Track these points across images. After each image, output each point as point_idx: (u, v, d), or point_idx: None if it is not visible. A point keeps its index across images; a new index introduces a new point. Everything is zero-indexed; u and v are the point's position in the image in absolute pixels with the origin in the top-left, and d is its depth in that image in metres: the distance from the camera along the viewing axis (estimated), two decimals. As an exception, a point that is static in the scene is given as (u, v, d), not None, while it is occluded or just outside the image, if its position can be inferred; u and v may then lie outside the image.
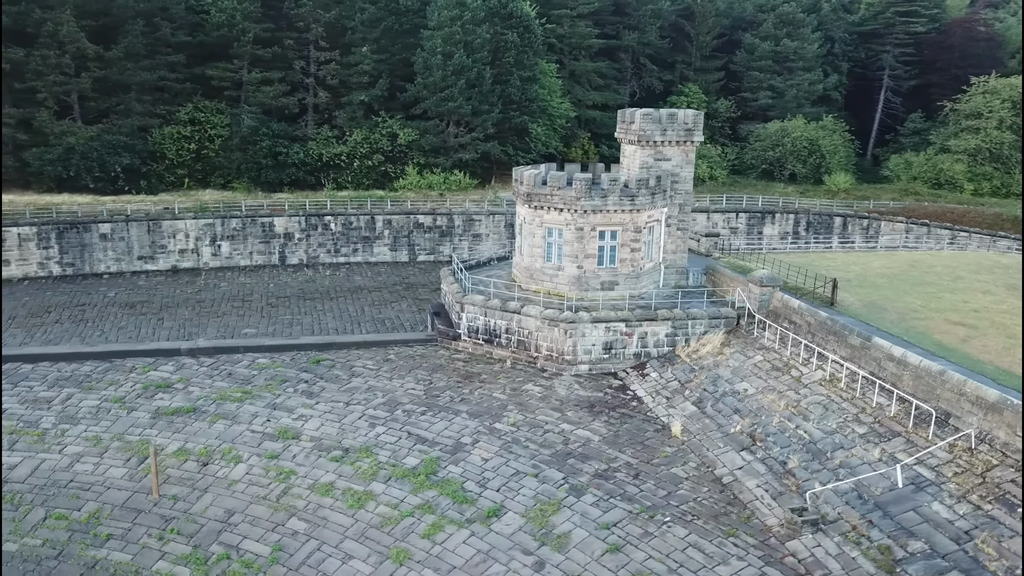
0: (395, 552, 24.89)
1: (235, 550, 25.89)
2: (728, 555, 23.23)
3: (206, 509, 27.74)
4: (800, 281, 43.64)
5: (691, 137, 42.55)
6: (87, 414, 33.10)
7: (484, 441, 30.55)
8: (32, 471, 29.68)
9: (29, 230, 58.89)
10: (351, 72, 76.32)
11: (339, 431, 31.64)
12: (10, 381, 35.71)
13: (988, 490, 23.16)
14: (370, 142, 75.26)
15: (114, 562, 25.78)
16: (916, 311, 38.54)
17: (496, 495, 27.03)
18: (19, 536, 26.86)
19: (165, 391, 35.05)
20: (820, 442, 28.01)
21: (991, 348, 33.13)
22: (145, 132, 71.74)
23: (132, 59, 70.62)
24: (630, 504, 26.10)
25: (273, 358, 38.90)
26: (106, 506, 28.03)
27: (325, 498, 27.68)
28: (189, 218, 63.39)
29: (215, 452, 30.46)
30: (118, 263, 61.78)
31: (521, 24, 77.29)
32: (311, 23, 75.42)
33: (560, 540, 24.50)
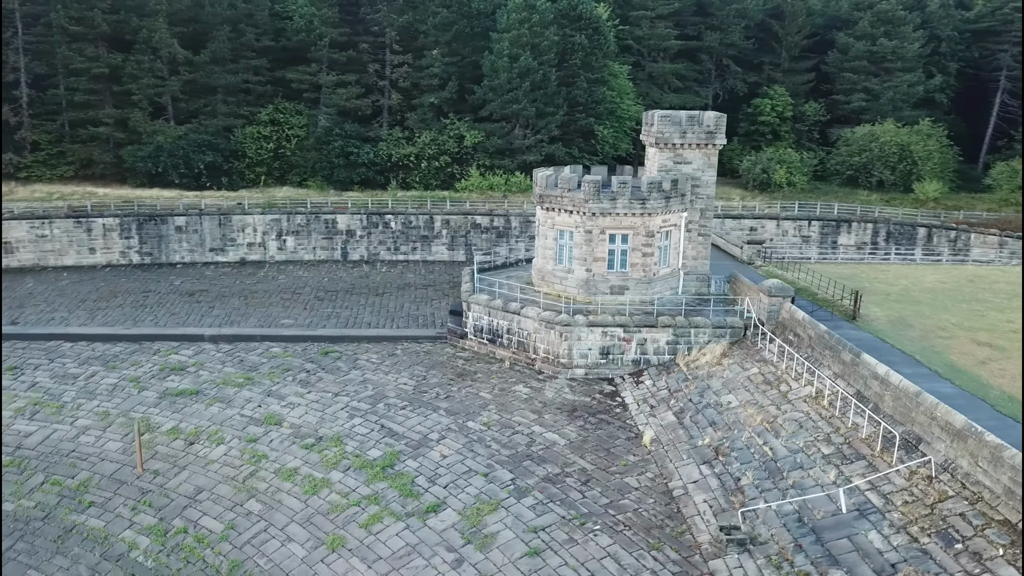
0: (332, 539, 25.71)
1: (193, 525, 27.45)
2: (644, 568, 22.64)
3: (179, 485, 29.51)
4: (832, 293, 41.52)
5: (712, 140, 41.28)
6: (104, 391, 35.81)
7: (450, 439, 30.93)
8: (43, 440, 32.44)
9: (113, 221, 63.82)
10: (422, 75, 78.24)
11: (319, 420, 32.83)
12: (48, 357, 39.10)
13: (932, 522, 21.50)
14: (438, 143, 76.87)
15: (88, 527, 27.89)
16: (944, 329, 36.00)
17: (441, 491, 27.38)
18: (17, 498, 29.48)
19: (178, 373, 37.40)
20: (781, 460, 26.72)
21: (1009, 372, 30.59)
22: (229, 132, 76.11)
23: (219, 63, 75.26)
24: (566, 510, 25.82)
25: (286, 348, 40.68)
26: (96, 476, 30.30)
27: (285, 483, 28.86)
28: (257, 213, 66.88)
29: (203, 433, 32.31)
30: (191, 254, 65.95)
31: (590, 26, 76.89)
32: (385, 27, 77.88)
33: (485, 540, 24.58)
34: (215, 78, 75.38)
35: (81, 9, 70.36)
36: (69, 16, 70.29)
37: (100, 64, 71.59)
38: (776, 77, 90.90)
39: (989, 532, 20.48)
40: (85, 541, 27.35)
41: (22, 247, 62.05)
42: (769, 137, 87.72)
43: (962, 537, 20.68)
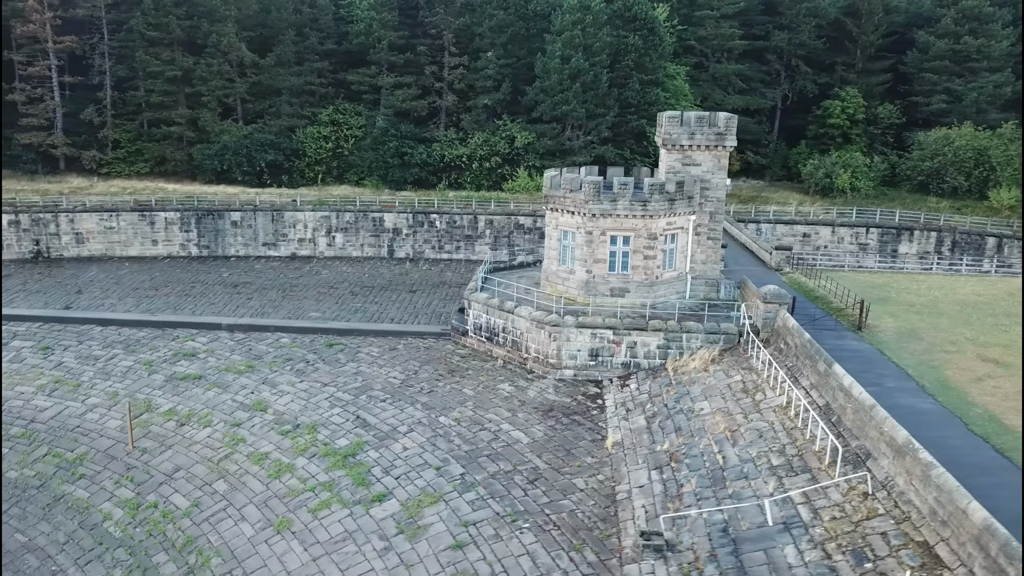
0: (280, 521, 26.80)
1: (164, 501, 29.13)
2: (556, 568, 22.60)
3: (162, 463, 31.33)
4: (848, 302, 39.82)
5: (722, 142, 40.34)
6: (119, 372, 38.30)
7: (417, 432, 31.56)
8: (55, 415, 35.04)
9: (174, 215, 67.74)
10: (477, 76, 79.32)
11: (302, 408, 34.11)
12: (78, 339, 42.08)
13: (851, 540, 20.58)
14: (489, 144, 77.75)
15: (75, 497, 30.03)
16: (955, 343, 34.11)
17: (392, 482, 28.04)
18: (21, 467, 32.02)
19: (188, 359, 39.57)
20: (729, 469, 26.03)
21: (1003, 390, 28.79)
22: (292, 132, 79.30)
23: (283, 66, 78.60)
24: (503, 507, 25.99)
25: (295, 339, 42.30)
26: (92, 451, 32.54)
27: (254, 466, 30.19)
28: (308, 210, 69.51)
29: (194, 415, 34.14)
30: (245, 248, 69.16)
31: (645, 27, 76.05)
32: (443, 30, 79.36)
33: (417, 531, 25.07)
34: (280, 80, 78.70)
35: (158, 16, 74.80)
36: (147, 22, 74.89)
37: (174, 67, 75.92)
38: (849, 78, 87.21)
39: (903, 553, 19.47)
40: (68, 510, 29.45)
41: (92, 238, 66.63)
42: (839, 140, 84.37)
43: (875, 557, 19.72)
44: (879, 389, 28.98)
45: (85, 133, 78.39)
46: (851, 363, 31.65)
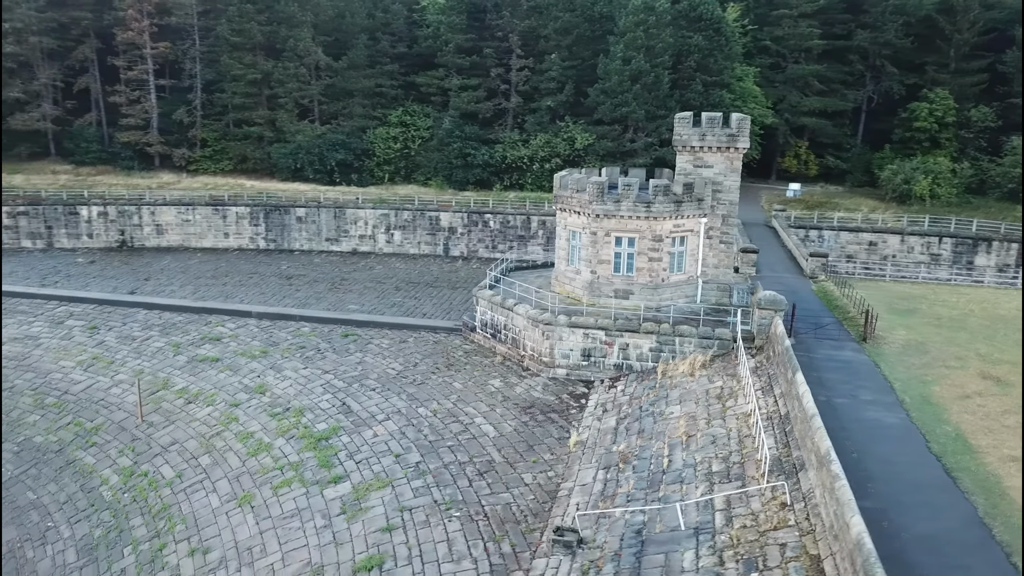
0: (244, 496, 28.53)
1: (155, 470, 31.50)
2: (468, 555, 23.14)
3: (162, 436, 33.82)
4: (871, 312, 38.14)
5: (734, 144, 39.50)
6: (149, 352, 41.41)
7: (392, 420, 32.68)
8: (85, 388, 38.33)
9: (244, 210, 71.85)
10: (541, 78, 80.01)
11: (296, 393, 35.93)
12: (123, 321, 45.66)
13: (750, 549, 20.15)
14: (551, 146, 78.30)
15: (83, 463, 32.89)
16: (961, 359, 32.34)
17: (352, 466, 29.26)
18: (47, 433, 35.31)
19: (212, 343, 42.27)
20: (670, 472, 25.76)
21: (987, 409, 27.24)
22: (363, 132, 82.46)
23: (356, 68, 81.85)
24: (443, 495, 26.69)
25: (315, 328, 44.36)
26: (108, 422, 35.46)
27: (238, 443, 32.15)
28: (368, 207, 72.18)
29: (201, 395, 36.58)
30: (309, 242, 72.52)
31: (711, 27, 74.62)
32: (509, 32, 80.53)
33: (358, 512, 26.16)
34: (352, 82, 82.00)
35: (242, 22, 79.53)
36: (232, 28, 79.75)
37: (255, 71, 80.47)
38: (940, 79, 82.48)
39: (792, 565, 18.94)
40: (75, 474, 32.30)
41: (170, 229, 71.63)
42: (926, 145, 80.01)
43: (765, 567, 19.27)
44: (850, 401, 27.98)
45: (176, 132, 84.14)
46: (835, 373, 30.68)
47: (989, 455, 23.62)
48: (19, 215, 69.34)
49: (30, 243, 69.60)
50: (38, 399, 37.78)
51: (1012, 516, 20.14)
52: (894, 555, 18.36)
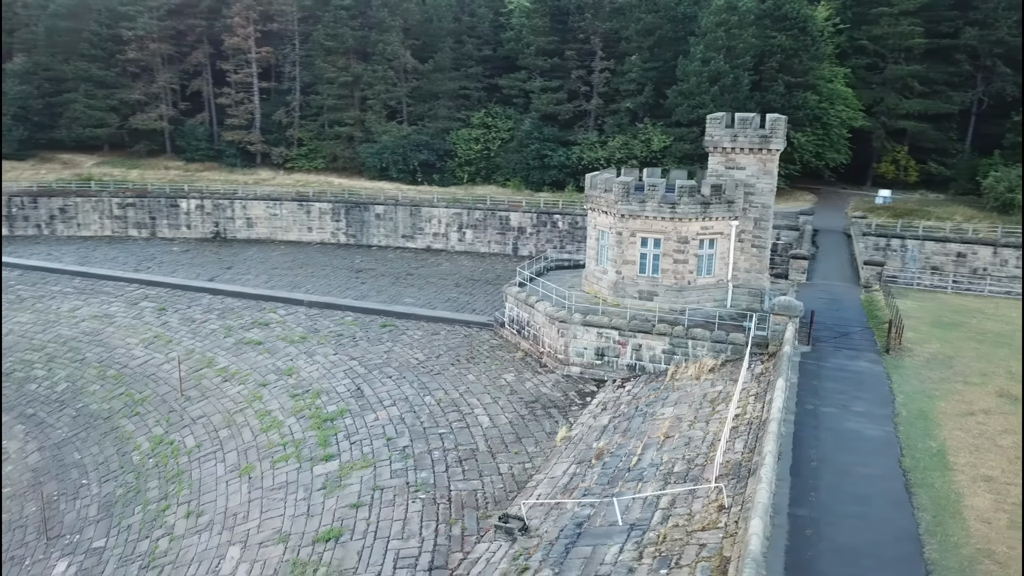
0: (246, 467, 30.63)
1: (180, 440, 34.21)
2: (417, 534, 24.02)
3: (194, 410, 36.59)
4: (910, 324, 36.47)
5: (767, 145, 38.49)
6: (204, 333, 44.70)
7: (397, 407, 34.01)
8: (142, 363, 41.89)
9: (326, 206, 75.59)
10: (622, 80, 79.81)
11: (320, 376, 37.94)
12: (189, 304, 49.39)
13: (671, 547, 20.06)
14: (628, 147, 77.97)
15: (124, 430, 36.12)
16: (985, 375, 30.63)
17: (345, 446, 30.78)
18: (102, 402, 38.90)
19: (261, 327, 45.11)
20: (634, 470, 25.72)
21: (987, 427, 25.80)
22: (446, 133, 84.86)
23: (442, 71, 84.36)
24: (416, 478, 27.68)
25: (357, 318, 46.45)
26: (153, 394, 38.68)
27: (255, 419, 34.41)
28: (442, 206, 74.31)
29: (237, 374, 39.26)
30: (387, 238, 75.44)
31: (796, 26, 72.20)
32: (590, 34, 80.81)
33: (335, 489, 27.60)
34: (438, 85, 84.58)
35: (336, 27, 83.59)
36: (327, 34, 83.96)
37: (347, 73, 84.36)
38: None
39: (701, 565, 18.77)
40: (116, 439, 35.51)
41: (259, 223, 76.30)
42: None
43: (676, 564, 19.17)
44: (839, 411, 27.05)
45: (276, 132, 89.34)
46: (838, 383, 29.67)
47: (962, 473, 22.34)
48: (127, 206, 75.77)
49: (136, 232, 75.90)
50: (101, 371, 41.58)
51: (954, 535, 19.11)
52: (802, 563, 17.95)
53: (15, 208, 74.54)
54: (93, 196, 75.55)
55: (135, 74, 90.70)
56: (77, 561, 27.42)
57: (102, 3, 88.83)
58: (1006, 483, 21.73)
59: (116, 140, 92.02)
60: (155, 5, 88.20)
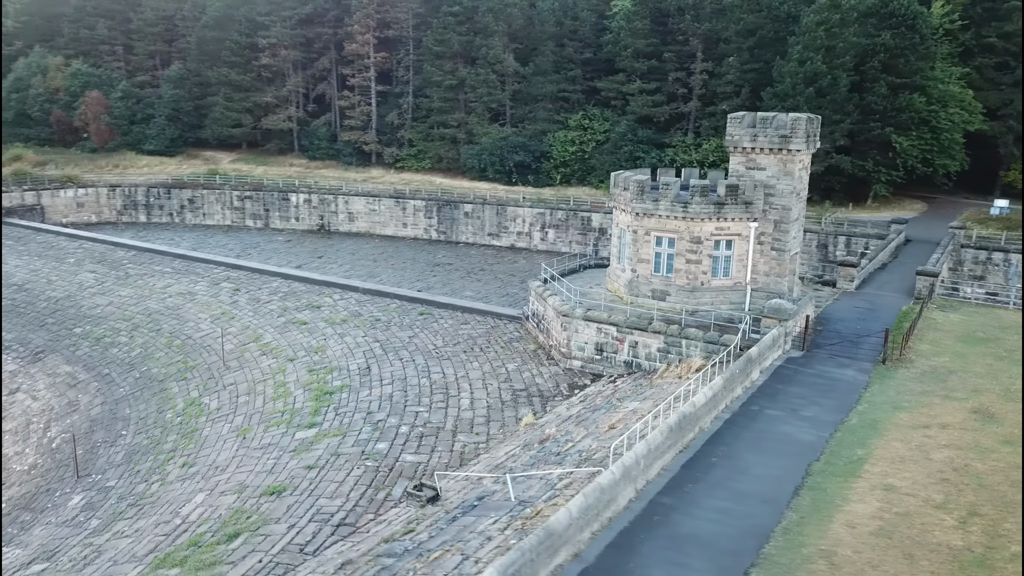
0: (244, 429, 33.90)
1: (207, 403, 38.14)
2: (342, 496, 25.91)
3: (228, 378, 40.54)
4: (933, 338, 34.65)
5: (787, 145, 37.35)
6: (265, 312, 48.97)
7: (392, 385, 36.14)
8: (203, 335, 46.63)
9: (420, 203, 79.53)
10: (719, 82, 78.36)
11: (341, 355, 40.84)
12: (259, 287, 54.00)
13: (536, 522, 20.89)
14: (721, 150, 76.41)
15: (169, 391, 40.66)
16: (976, 390, 28.98)
17: (330, 417, 33.26)
18: (161, 366, 43.84)
19: (312, 309, 48.84)
20: (559, 455, 26.39)
21: (928, 441, 24.43)
22: (544, 135, 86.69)
23: (542, 74, 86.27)
24: (371, 448, 29.62)
25: (401, 305, 49.13)
26: (203, 363, 43.12)
27: (271, 389, 37.74)
28: (527, 206, 76.22)
29: (275, 349, 42.96)
30: (474, 236, 78.32)
31: (904, 23, 68.09)
32: (689, 36, 79.91)
33: (302, 453, 30.04)
34: (537, 87, 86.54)
35: (444, 33, 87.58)
36: (435, 39, 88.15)
37: (452, 77, 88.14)
38: None
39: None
40: (161, 399, 40.08)
41: (360, 217, 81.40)
42: None
43: (525, 534, 19.98)
44: (785, 415, 26.60)
45: (388, 133, 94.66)
46: (806, 388, 29.08)
47: (865, 481, 21.50)
48: (245, 199, 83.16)
49: (252, 223, 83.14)
50: (170, 340, 46.73)
51: (806, 536, 18.68)
52: (628, 544, 18.37)
53: (152, 199, 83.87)
54: (217, 189, 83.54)
55: (268, 79, 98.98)
56: (88, 496, 31.59)
57: (243, 14, 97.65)
58: (906, 494, 20.72)
59: (251, 139, 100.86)
60: (288, 15, 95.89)
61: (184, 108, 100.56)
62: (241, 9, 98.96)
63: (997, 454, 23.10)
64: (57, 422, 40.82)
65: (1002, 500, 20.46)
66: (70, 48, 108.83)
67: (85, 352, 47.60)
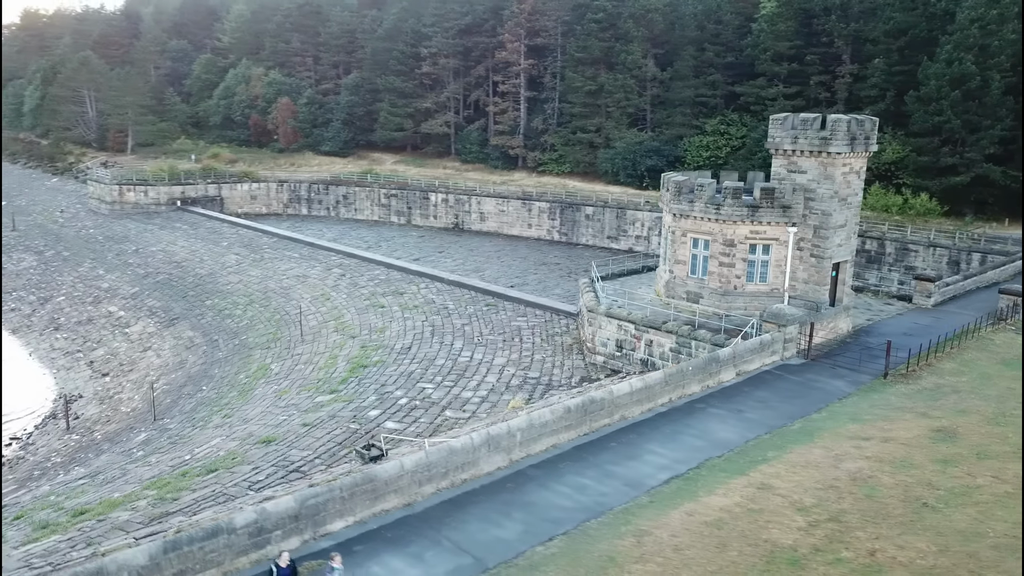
0: (283, 391, 38.29)
1: (272, 368, 43.19)
2: (310, 449, 29.08)
3: (298, 349, 45.42)
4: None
5: (827, 148, 35.82)
6: (354, 296, 53.87)
7: (416, 363, 39.02)
8: (298, 313, 52.29)
9: (544, 205, 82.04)
10: (863, 85, 73.98)
11: (394, 335, 44.34)
12: (362, 273, 59.16)
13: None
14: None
15: (252, 356, 46.32)
16: (958, 410, 26.98)
17: (352, 385, 36.66)
18: (256, 337, 49.84)
19: (395, 296, 53.01)
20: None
21: (832, 452, 23.50)
22: (679, 140, 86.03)
23: (681, 79, 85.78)
24: (362, 415, 32.59)
25: (474, 296, 51.95)
26: (288, 336, 48.51)
27: (323, 360, 41.98)
28: (646, 210, 76.30)
29: (347, 328, 47.42)
30: (594, 238, 79.55)
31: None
32: (835, 37, 76.08)
33: (310, 413, 33.74)
34: (676, 92, 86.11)
35: (587, 39, 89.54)
36: (577, 46, 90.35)
37: (592, 83, 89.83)
38: None
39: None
40: (243, 363, 45.79)
41: (490, 217, 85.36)
42: None
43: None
44: (726, 413, 26.65)
45: (533, 137, 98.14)
46: (775, 393, 28.97)
47: (747, 478, 21.29)
48: (391, 197, 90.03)
49: (395, 219, 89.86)
50: (272, 315, 52.84)
51: (638, 515, 19.14)
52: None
53: (312, 194, 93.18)
54: (367, 187, 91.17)
55: (429, 86, 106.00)
56: (150, 435, 37.32)
57: (411, 26, 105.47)
58: (777, 494, 20.30)
59: (413, 142, 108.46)
60: (450, 26, 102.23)
61: (357, 113, 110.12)
62: (409, 21, 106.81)
63: (917, 471, 21.66)
64: (165, 376, 47.86)
65: (878, 512, 19.46)
66: (270, 60, 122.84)
67: (207, 320, 54.95)
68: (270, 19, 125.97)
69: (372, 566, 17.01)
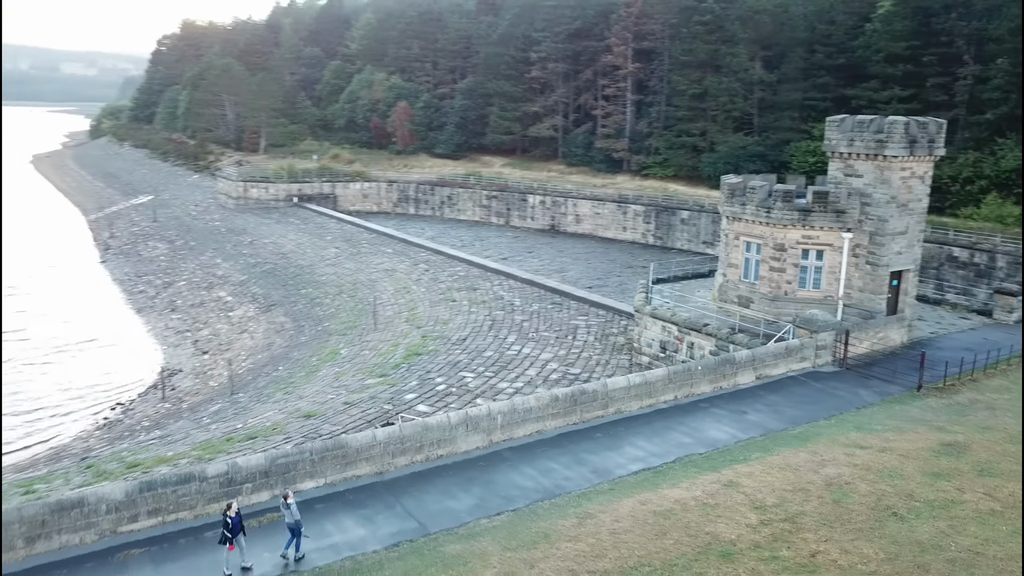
0: (341, 373, 40.93)
1: (341, 351, 46.09)
2: (342, 424, 31.26)
3: (368, 337, 48.08)
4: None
5: (882, 151, 34.59)
6: (432, 289, 56.31)
7: (465, 353, 40.61)
8: (376, 303, 55.28)
9: (640, 208, 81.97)
10: (984, 88, 69.43)
11: (456, 327, 46.15)
12: (444, 268, 61.52)
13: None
14: (978, 165, 67.96)
15: (327, 342, 49.49)
16: (984, 428, 25.74)
17: (402, 371, 38.67)
18: (338, 323, 53.14)
19: (469, 291, 54.93)
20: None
21: (844, 462, 23.18)
22: (785, 144, 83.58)
23: (789, 82, 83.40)
24: (400, 399, 34.54)
25: (542, 294, 52.97)
26: (364, 325, 51.44)
27: (384, 347, 44.43)
28: (742, 215, 74.68)
29: (416, 318, 49.77)
30: (689, 243, 78.73)
31: None
32: (954, 36, 71.82)
33: (357, 392, 36.08)
34: (783, 95, 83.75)
35: (693, 42, 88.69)
36: (682, 49, 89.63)
37: (697, 86, 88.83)
38: None
39: (389, 466, 23.04)
40: (318, 347, 49.03)
41: (585, 219, 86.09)
42: None
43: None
44: (726, 413, 26.77)
45: (637, 141, 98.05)
46: (788, 398, 28.67)
47: (717, 475, 21.44)
48: (492, 198, 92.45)
49: (495, 220, 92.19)
50: (355, 304, 56.06)
51: (592, 500, 19.84)
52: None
53: (419, 194, 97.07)
54: (470, 188, 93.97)
55: (537, 90, 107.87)
56: (223, 406, 40.83)
57: (522, 31, 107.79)
58: (740, 491, 20.36)
59: (521, 146, 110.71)
60: (560, 30, 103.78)
61: (469, 117, 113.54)
62: (521, 26, 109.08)
63: (901, 482, 21.01)
64: (252, 356, 51.89)
65: (838, 517, 19.16)
66: (392, 66, 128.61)
67: (299, 308, 58.95)
68: (394, 26, 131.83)
69: (326, 523, 18.62)
